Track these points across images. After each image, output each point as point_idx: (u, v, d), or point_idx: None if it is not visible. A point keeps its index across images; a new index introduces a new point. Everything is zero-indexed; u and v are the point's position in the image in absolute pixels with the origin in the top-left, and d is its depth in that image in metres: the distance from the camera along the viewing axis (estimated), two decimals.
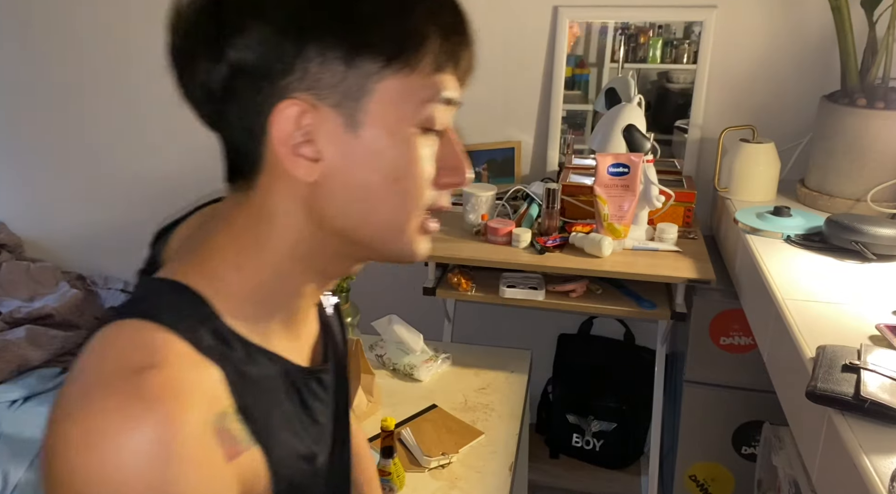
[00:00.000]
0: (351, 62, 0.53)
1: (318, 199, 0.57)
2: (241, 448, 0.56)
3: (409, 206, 0.59)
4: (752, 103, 2.00)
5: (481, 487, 1.28)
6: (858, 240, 1.41)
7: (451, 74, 0.58)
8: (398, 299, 2.05)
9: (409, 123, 0.57)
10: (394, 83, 0.55)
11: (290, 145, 0.55)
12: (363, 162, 0.56)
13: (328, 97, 0.54)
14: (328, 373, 0.70)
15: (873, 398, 0.89)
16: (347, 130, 0.55)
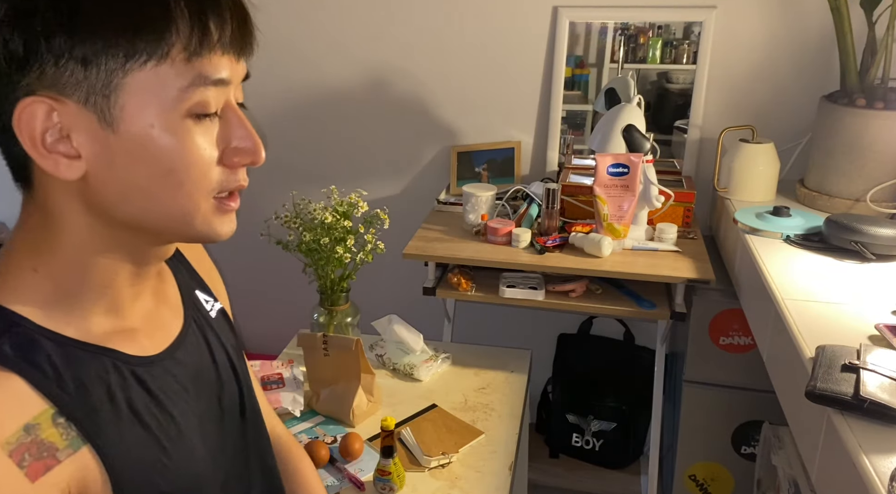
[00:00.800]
0: (87, 62, 0.52)
1: (93, 194, 0.57)
2: (60, 457, 0.54)
3: (189, 194, 0.58)
4: (752, 103, 2.00)
5: (481, 487, 1.28)
6: (858, 240, 1.41)
7: (215, 54, 0.56)
8: (398, 300, 2.06)
9: (172, 114, 0.55)
10: (144, 76, 0.53)
11: (40, 144, 0.54)
12: (127, 158, 0.55)
13: (73, 94, 0.53)
14: (178, 364, 0.68)
15: (873, 398, 0.89)
16: (103, 126, 0.54)
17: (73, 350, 0.59)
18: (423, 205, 2.17)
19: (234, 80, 0.59)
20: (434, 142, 2.25)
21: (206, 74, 0.55)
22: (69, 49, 0.52)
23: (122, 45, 0.52)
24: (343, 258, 1.52)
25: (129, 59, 0.53)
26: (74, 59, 0.52)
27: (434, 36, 2.14)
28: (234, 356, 0.79)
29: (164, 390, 0.66)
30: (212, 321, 0.78)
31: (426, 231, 1.90)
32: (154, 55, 0.53)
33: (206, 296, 0.80)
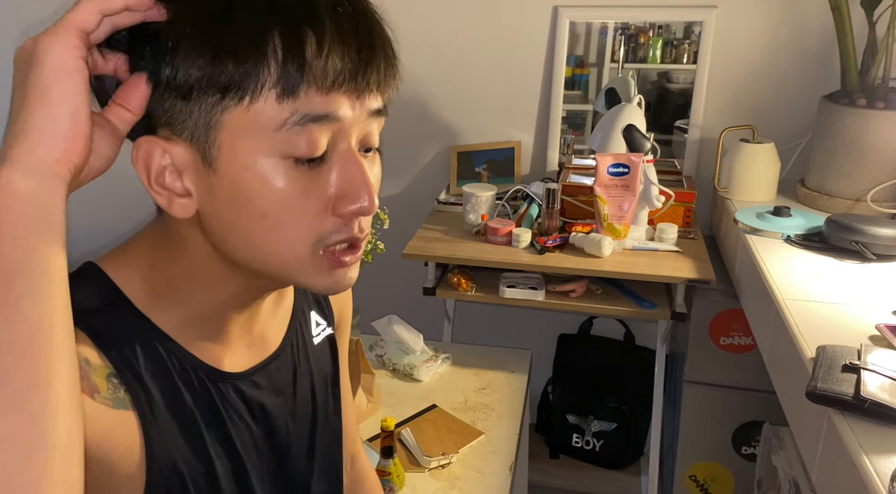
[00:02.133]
0: (187, 96, 0.52)
1: (205, 230, 0.58)
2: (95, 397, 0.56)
3: (286, 241, 0.56)
4: (752, 103, 2.00)
5: (481, 487, 1.28)
6: (858, 240, 1.41)
7: (319, 91, 0.52)
8: (398, 300, 2.06)
9: (270, 154, 0.53)
10: (240, 114, 0.52)
11: (155, 182, 0.55)
12: (226, 198, 0.55)
13: (182, 132, 0.53)
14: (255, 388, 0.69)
15: (873, 398, 0.89)
16: (205, 165, 0.54)
17: (153, 342, 0.61)
18: (423, 205, 2.17)
19: (349, 117, 0.54)
20: (434, 142, 2.25)
21: (307, 112, 0.52)
22: (172, 79, 0.51)
23: (213, 77, 0.51)
24: None
25: (224, 95, 0.51)
26: (177, 92, 0.52)
27: (434, 36, 2.14)
28: (320, 388, 0.78)
29: (228, 409, 0.67)
30: (312, 347, 0.77)
31: (426, 231, 1.90)
32: (247, 91, 0.51)
33: (319, 318, 0.79)
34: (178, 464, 0.63)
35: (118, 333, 0.59)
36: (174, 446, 0.62)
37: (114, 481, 0.58)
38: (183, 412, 0.63)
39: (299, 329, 0.76)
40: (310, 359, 0.77)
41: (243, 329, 0.68)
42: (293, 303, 0.76)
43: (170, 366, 0.62)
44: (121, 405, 0.58)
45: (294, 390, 0.75)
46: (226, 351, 0.67)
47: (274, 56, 0.50)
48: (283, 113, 0.51)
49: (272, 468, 0.73)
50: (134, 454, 0.59)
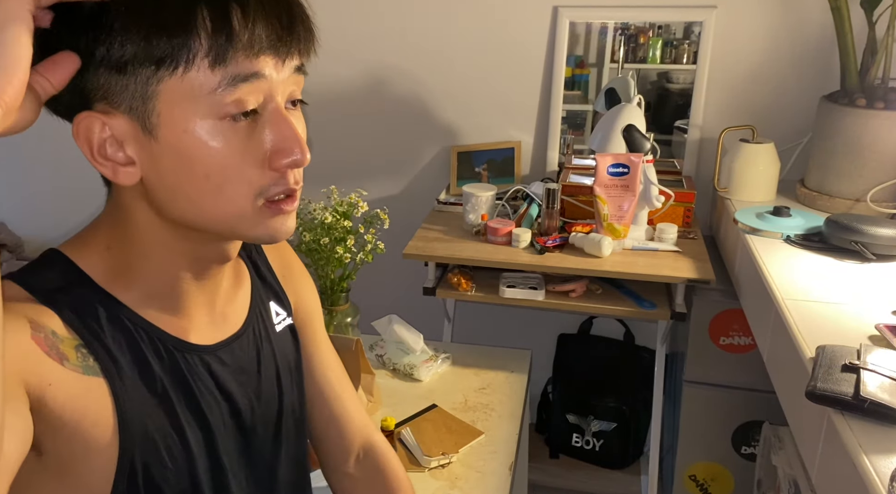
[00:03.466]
0: (122, 70, 0.55)
1: (150, 196, 0.61)
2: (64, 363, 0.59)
3: (231, 198, 0.59)
4: (752, 103, 2.00)
5: (481, 487, 1.28)
6: (858, 240, 1.41)
7: (248, 55, 0.56)
8: (398, 299, 2.06)
9: (205, 118, 0.56)
10: (175, 83, 0.55)
11: (98, 154, 0.58)
12: (168, 163, 0.58)
13: (120, 105, 0.56)
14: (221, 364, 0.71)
15: (873, 398, 0.89)
16: (146, 133, 0.57)
17: (119, 317, 0.64)
18: (423, 205, 2.17)
19: (275, 77, 0.58)
20: (434, 142, 2.25)
21: (235, 73, 0.56)
22: (107, 56, 0.54)
23: (149, 51, 0.54)
24: (343, 258, 1.52)
25: (159, 67, 0.55)
26: (112, 67, 0.55)
27: (434, 36, 2.14)
28: (285, 374, 0.80)
29: (195, 380, 0.69)
30: (274, 335, 0.79)
31: (426, 231, 1.90)
32: (181, 61, 0.55)
33: (279, 308, 0.82)
34: (151, 431, 0.64)
35: (83, 309, 0.62)
36: (146, 413, 0.64)
37: (90, 447, 0.60)
38: (153, 380, 0.65)
39: (260, 315, 0.78)
40: (272, 344, 0.79)
41: (205, 306, 0.71)
42: (251, 291, 0.78)
43: (136, 337, 0.65)
44: (91, 372, 0.60)
45: (258, 370, 0.76)
46: (190, 326, 0.69)
47: (204, 28, 0.54)
48: (215, 78, 0.55)
49: (239, 445, 0.74)
50: (106, 420, 0.61)
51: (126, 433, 0.62)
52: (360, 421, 0.94)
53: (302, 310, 0.87)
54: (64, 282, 0.62)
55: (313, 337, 0.89)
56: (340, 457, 0.93)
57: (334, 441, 0.92)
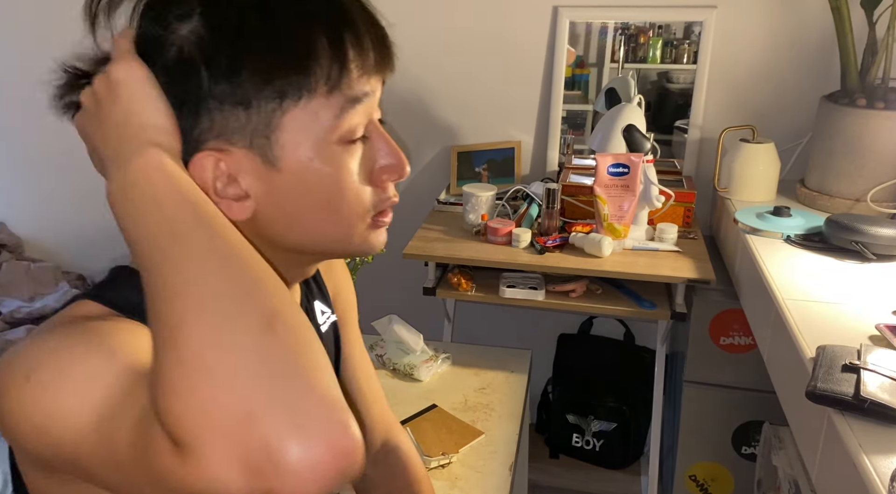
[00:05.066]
0: (248, 105, 0.55)
1: (261, 226, 0.60)
2: None
3: (347, 219, 0.60)
4: (752, 103, 2.00)
5: (481, 487, 1.28)
6: (858, 240, 1.41)
7: (355, 74, 0.57)
8: (398, 299, 2.05)
9: (326, 144, 0.57)
10: (299, 112, 0.56)
11: (213, 192, 0.57)
12: (290, 193, 0.58)
13: (239, 140, 0.56)
14: None
15: (873, 398, 0.89)
16: (267, 166, 0.57)
17: None
18: (423, 205, 2.17)
19: (376, 95, 0.60)
20: (434, 142, 2.25)
21: (351, 96, 0.57)
22: (231, 95, 0.54)
23: (275, 85, 0.54)
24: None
25: (283, 99, 0.55)
26: (236, 105, 0.55)
27: (434, 36, 2.14)
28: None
29: None
30: (320, 335, 0.79)
31: (426, 231, 1.90)
32: (304, 91, 0.55)
33: (324, 307, 0.82)
34: None
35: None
36: None
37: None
38: None
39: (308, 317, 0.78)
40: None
41: None
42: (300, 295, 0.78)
43: None
44: None
45: None
46: None
47: (325, 56, 0.55)
48: (333, 103, 0.56)
49: None
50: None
51: None
52: (383, 422, 0.94)
53: (339, 303, 0.88)
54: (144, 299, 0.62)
55: (349, 334, 0.90)
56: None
57: None
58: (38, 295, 2.39)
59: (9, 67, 2.52)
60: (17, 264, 2.49)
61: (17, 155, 2.62)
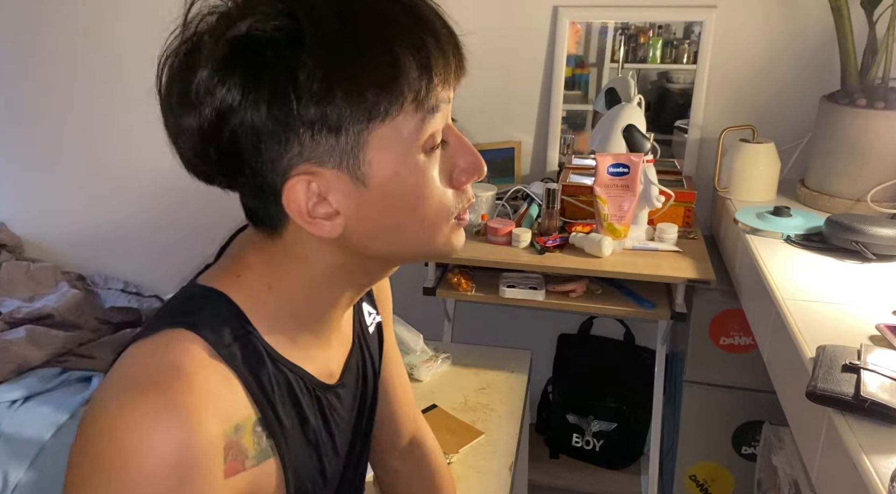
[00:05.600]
0: (338, 129, 0.55)
1: (348, 240, 0.60)
2: (246, 465, 0.59)
3: (433, 224, 0.61)
4: (752, 103, 2.00)
5: (481, 487, 1.28)
6: (858, 240, 1.41)
7: (439, 86, 0.58)
8: (398, 300, 2.04)
9: (411, 155, 0.58)
10: (385, 129, 0.56)
11: (307, 215, 0.57)
12: (378, 206, 0.58)
13: (328, 162, 0.56)
14: (345, 388, 0.73)
15: (873, 398, 0.89)
16: (356, 183, 0.57)
17: (282, 367, 0.63)
18: None
19: (451, 101, 0.61)
20: None
21: (432, 106, 0.57)
22: (321, 119, 0.54)
23: (365, 107, 0.54)
24: None
25: (371, 120, 0.55)
26: (327, 129, 0.55)
27: None
28: (376, 376, 0.82)
29: (332, 414, 0.70)
30: (368, 337, 0.80)
31: None
32: (392, 109, 0.55)
33: (370, 308, 0.83)
34: (306, 481, 0.66)
35: (257, 367, 0.61)
36: (304, 467, 0.66)
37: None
38: (310, 431, 0.66)
39: (359, 322, 0.79)
40: (370, 349, 0.80)
41: (336, 328, 0.71)
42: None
43: (296, 389, 0.65)
44: (264, 457, 0.61)
45: (364, 381, 0.78)
46: (329, 357, 0.70)
47: (411, 74, 0.55)
48: (417, 117, 0.57)
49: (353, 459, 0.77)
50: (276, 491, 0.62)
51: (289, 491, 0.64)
52: (412, 419, 0.96)
53: (380, 301, 0.88)
54: (236, 333, 0.61)
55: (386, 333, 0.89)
56: (387, 451, 0.95)
57: (383, 437, 0.93)
58: (38, 295, 2.39)
59: (9, 68, 2.52)
60: (17, 264, 2.49)
61: (17, 155, 2.62)
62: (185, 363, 0.56)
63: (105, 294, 2.48)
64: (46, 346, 2.12)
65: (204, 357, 0.57)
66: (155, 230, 2.51)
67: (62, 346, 2.14)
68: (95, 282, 2.54)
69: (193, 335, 0.58)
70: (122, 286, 2.52)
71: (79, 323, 2.26)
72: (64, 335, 2.17)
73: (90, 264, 2.62)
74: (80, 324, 2.26)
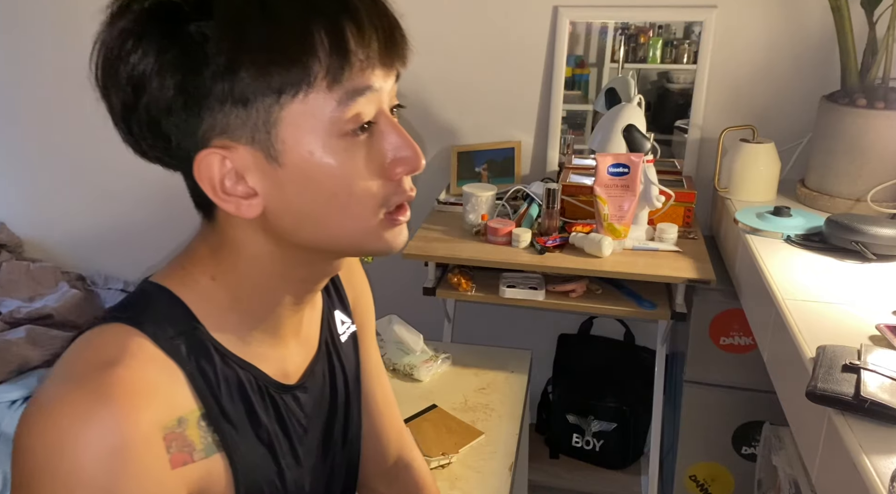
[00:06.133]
0: (246, 102, 0.54)
1: (273, 226, 0.59)
2: (195, 457, 0.58)
3: (356, 214, 0.59)
4: (752, 103, 2.00)
5: (481, 487, 1.28)
6: (858, 240, 1.41)
7: (358, 67, 0.56)
8: (398, 300, 2.05)
9: (328, 137, 0.56)
10: (297, 107, 0.55)
11: (220, 190, 0.57)
12: (295, 188, 0.57)
13: (241, 137, 0.56)
14: (307, 393, 0.71)
15: (873, 398, 0.89)
16: (270, 161, 0.56)
17: (231, 364, 0.63)
18: (423, 205, 2.17)
19: (384, 88, 0.59)
20: (434, 142, 2.25)
21: (352, 89, 0.56)
22: (228, 92, 0.54)
23: (272, 81, 0.54)
24: None
25: (281, 94, 0.54)
26: (234, 102, 0.54)
27: (434, 36, 2.14)
28: (353, 385, 0.80)
29: (290, 416, 0.69)
30: (340, 345, 0.79)
31: (426, 231, 1.90)
32: (302, 86, 0.54)
33: (343, 317, 0.81)
34: (261, 483, 0.65)
35: (203, 361, 0.61)
36: (257, 466, 0.65)
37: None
38: (261, 430, 0.66)
39: (329, 329, 0.78)
40: (341, 357, 0.78)
41: (294, 330, 0.70)
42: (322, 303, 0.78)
43: (247, 387, 0.64)
44: (211, 452, 0.60)
45: (332, 389, 0.76)
46: (285, 358, 0.69)
47: (322, 50, 0.54)
48: (333, 97, 0.55)
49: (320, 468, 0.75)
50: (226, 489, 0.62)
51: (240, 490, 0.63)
52: (397, 437, 0.92)
53: (358, 314, 0.85)
54: (180, 327, 0.61)
55: (365, 345, 0.87)
56: (373, 474, 0.91)
57: (370, 455, 0.89)
58: (38, 295, 2.39)
59: (8, 67, 2.52)
60: (17, 264, 2.49)
61: (18, 156, 2.62)
62: (118, 357, 0.56)
63: (105, 294, 2.48)
64: (46, 346, 2.12)
65: (141, 351, 0.57)
66: (155, 230, 2.50)
67: (62, 346, 2.14)
68: (95, 282, 2.54)
69: (133, 329, 0.58)
70: (122, 286, 2.52)
71: (79, 323, 2.26)
72: (63, 336, 2.17)
73: (90, 264, 2.62)
74: (80, 324, 2.26)
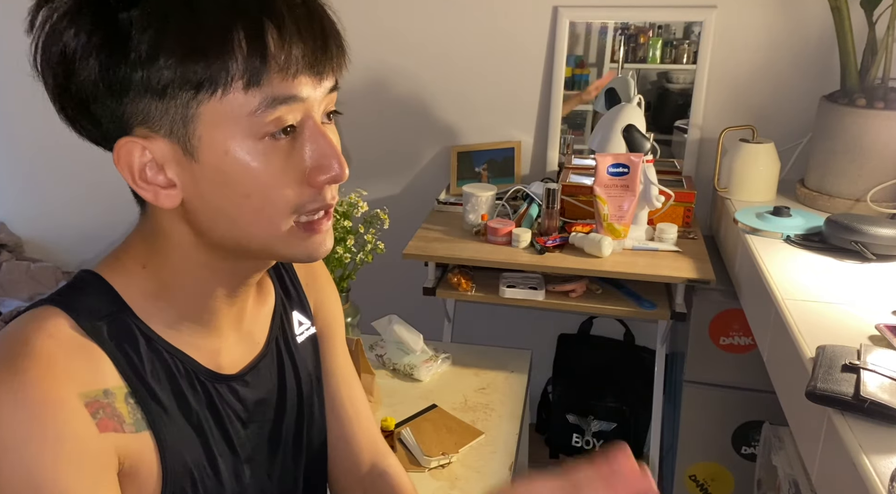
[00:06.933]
0: (163, 94, 0.55)
1: (193, 219, 0.61)
2: (125, 428, 0.60)
3: (269, 218, 0.59)
4: (752, 103, 2.00)
5: (481, 487, 1.28)
6: (858, 240, 1.41)
7: (284, 77, 0.55)
8: (398, 300, 2.05)
9: (245, 139, 0.56)
10: (214, 105, 0.55)
11: (139, 178, 0.58)
12: (210, 185, 0.58)
13: (161, 129, 0.56)
14: (248, 388, 0.72)
15: (873, 398, 0.89)
16: (187, 156, 0.57)
17: (157, 347, 0.64)
18: (423, 205, 2.17)
19: (312, 96, 0.58)
20: (434, 142, 2.25)
21: (273, 96, 0.55)
22: (146, 82, 0.54)
23: (188, 75, 0.54)
24: (343, 259, 1.52)
25: (198, 91, 0.54)
26: (151, 93, 0.55)
27: (434, 36, 2.14)
28: (307, 385, 0.80)
29: (226, 408, 0.70)
30: (295, 346, 0.79)
31: (426, 231, 1.90)
32: (219, 84, 0.54)
33: (302, 318, 0.81)
34: (189, 465, 0.65)
35: (127, 344, 0.62)
36: (185, 448, 0.65)
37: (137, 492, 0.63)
38: (190, 413, 0.66)
39: (282, 328, 0.78)
40: (294, 357, 0.78)
41: (233, 325, 0.71)
42: (274, 303, 0.78)
43: (174, 369, 0.65)
44: (140, 428, 0.62)
45: (281, 387, 0.76)
46: (221, 346, 0.70)
47: (240, 50, 0.54)
48: (252, 100, 0.55)
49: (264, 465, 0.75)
50: (152, 469, 0.63)
51: (169, 475, 0.63)
52: (370, 444, 0.89)
53: (321, 318, 0.85)
54: (105, 310, 0.62)
55: (331, 349, 0.86)
56: (346, 483, 0.88)
57: (341, 463, 0.87)
58: (38, 295, 2.39)
59: (8, 68, 2.52)
60: (17, 264, 2.49)
61: (17, 155, 2.62)
62: (34, 335, 0.58)
63: None
64: None
65: (59, 330, 0.59)
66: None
67: None
68: None
69: (58, 310, 0.60)
70: None
71: None
72: None
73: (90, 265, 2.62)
74: None
